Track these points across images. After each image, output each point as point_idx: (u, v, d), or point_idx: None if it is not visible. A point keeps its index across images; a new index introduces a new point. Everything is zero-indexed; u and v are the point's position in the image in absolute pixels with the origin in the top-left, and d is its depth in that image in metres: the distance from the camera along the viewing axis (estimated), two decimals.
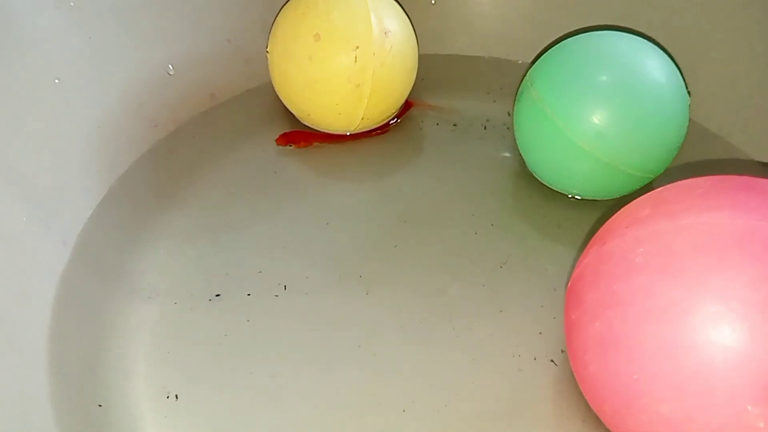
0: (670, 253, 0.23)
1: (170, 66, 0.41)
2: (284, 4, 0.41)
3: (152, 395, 0.30)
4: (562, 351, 0.31)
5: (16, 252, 0.32)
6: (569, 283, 0.28)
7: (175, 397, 0.30)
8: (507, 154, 0.42)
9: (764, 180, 0.24)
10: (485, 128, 0.44)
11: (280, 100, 0.43)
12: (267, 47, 0.41)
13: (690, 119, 0.36)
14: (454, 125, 0.44)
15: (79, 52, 0.37)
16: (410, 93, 0.43)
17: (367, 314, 0.33)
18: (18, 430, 0.27)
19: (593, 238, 0.27)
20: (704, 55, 0.42)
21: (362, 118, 0.40)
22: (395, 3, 0.41)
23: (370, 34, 0.38)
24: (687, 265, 0.22)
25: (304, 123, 0.42)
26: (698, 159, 0.40)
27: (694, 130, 0.40)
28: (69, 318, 0.32)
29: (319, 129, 0.42)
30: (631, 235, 0.24)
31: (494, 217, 0.38)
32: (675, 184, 0.26)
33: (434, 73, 0.47)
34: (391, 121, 0.44)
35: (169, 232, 0.37)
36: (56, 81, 0.35)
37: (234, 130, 0.43)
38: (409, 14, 0.42)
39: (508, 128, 0.43)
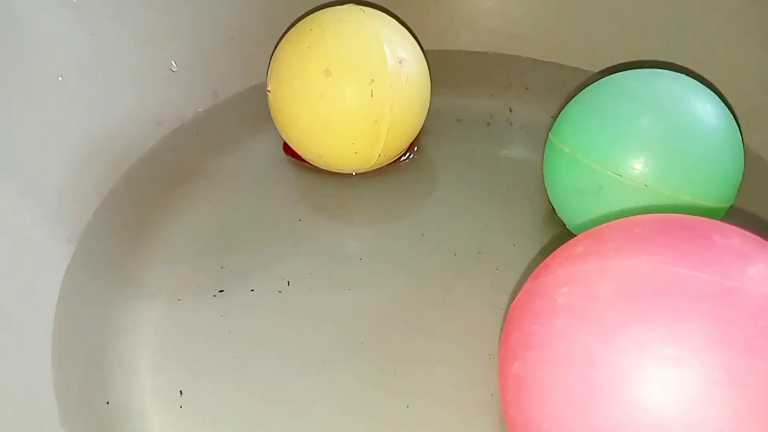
0: (592, 297, 0.21)
1: (173, 63, 0.41)
2: (282, 37, 0.38)
3: (157, 392, 0.30)
4: None
5: (21, 250, 0.32)
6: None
7: (179, 393, 0.30)
8: (510, 153, 0.42)
9: (714, 223, 0.23)
10: (488, 125, 0.43)
11: None
12: (267, 86, 0.38)
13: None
14: (458, 120, 0.44)
15: (83, 50, 0.37)
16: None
17: (372, 310, 0.33)
18: (24, 426, 0.27)
19: (533, 272, 0.26)
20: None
21: (379, 156, 0.37)
22: (401, 26, 0.38)
23: (385, 66, 0.35)
24: (605, 312, 0.21)
25: (314, 164, 0.39)
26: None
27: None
28: (73, 316, 0.32)
29: (331, 169, 0.39)
30: (561, 272, 0.23)
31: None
32: (618, 220, 0.24)
33: (438, 69, 0.47)
34: (403, 158, 0.41)
35: (172, 229, 0.37)
36: (59, 79, 0.35)
37: (238, 128, 0.43)
38: (412, 11, 0.41)
39: (511, 124, 0.43)
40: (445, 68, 0.47)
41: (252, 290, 0.34)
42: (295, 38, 0.36)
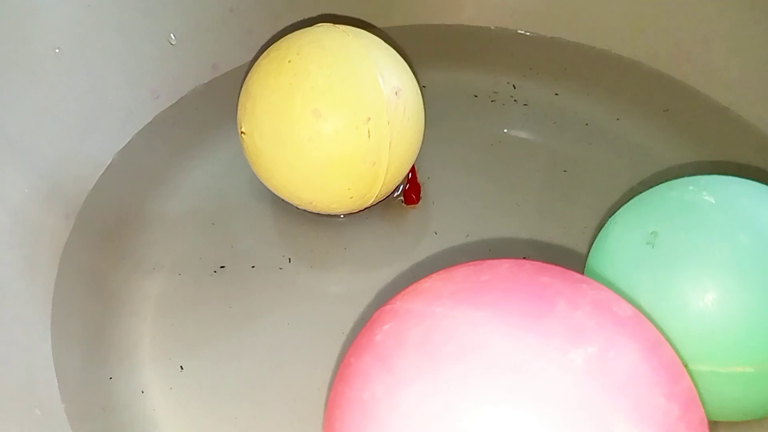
0: (401, 341, 0.20)
1: (172, 36, 0.41)
2: (252, 67, 0.33)
3: (157, 367, 0.30)
4: None
5: (19, 225, 0.31)
6: None
7: (180, 368, 0.30)
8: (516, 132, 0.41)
9: (577, 286, 0.20)
10: (493, 101, 0.43)
11: None
12: (241, 128, 0.33)
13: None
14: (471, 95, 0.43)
15: (80, 22, 0.36)
16: None
17: (373, 288, 0.33)
18: (24, 402, 0.27)
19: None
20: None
21: (376, 197, 0.34)
22: (389, 47, 0.33)
23: (381, 99, 0.31)
24: (402, 361, 0.19)
25: (304, 209, 0.35)
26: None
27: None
28: (73, 292, 0.32)
29: (321, 213, 0.35)
30: (396, 305, 0.21)
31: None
32: (481, 261, 0.22)
33: (440, 44, 0.47)
34: (396, 194, 0.37)
35: (172, 204, 0.37)
36: (56, 51, 0.35)
37: (237, 102, 0.43)
38: None
39: (515, 101, 0.43)
40: (447, 43, 0.47)
41: (253, 267, 0.34)
42: (272, 71, 0.31)
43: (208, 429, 0.28)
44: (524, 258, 0.33)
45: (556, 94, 0.43)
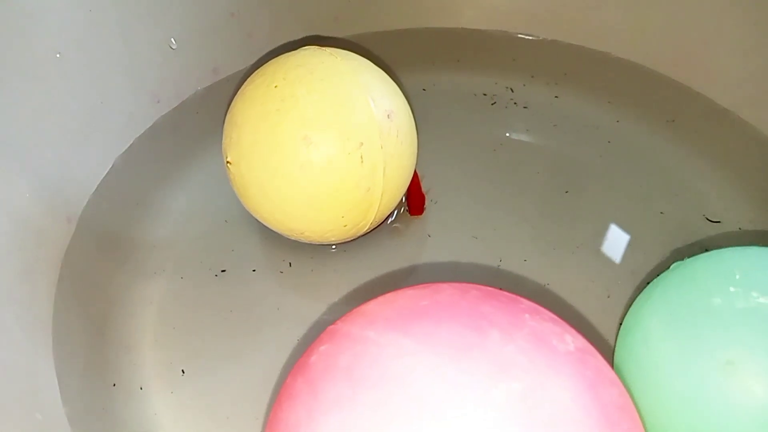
0: (330, 364, 0.19)
1: (173, 40, 0.41)
2: (235, 94, 0.32)
3: (159, 371, 0.30)
4: None
5: (20, 229, 0.31)
6: None
7: (181, 372, 0.30)
8: (516, 135, 0.41)
9: (515, 315, 0.20)
10: (493, 104, 0.43)
11: None
12: (226, 157, 0.31)
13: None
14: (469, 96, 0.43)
15: (80, 26, 0.36)
16: None
17: (374, 292, 0.33)
18: (26, 406, 0.27)
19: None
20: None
21: (371, 224, 0.32)
22: (378, 69, 0.32)
23: (373, 124, 0.29)
24: (327, 385, 0.19)
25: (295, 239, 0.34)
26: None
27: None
28: (74, 295, 0.32)
29: (314, 243, 0.34)
30: (340, 326, 0.21)
31: None
32: (426, 285, 0.22)
33: (440, 47, 0.47)
34: (390, 219, 0.36)
35: (173, 207, 0.37)
36: (57, 56, 0.35)
37: None
38: None
39: (515, 104, 0.43)
40: (447, 46, 0.47)
41: (254, 270, 0.34)
42: (258, 97, 0.30)
43: None
44: (525, 260, 0.33)
45: (557, 97, 0.43)
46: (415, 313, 0.20)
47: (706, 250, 0.27)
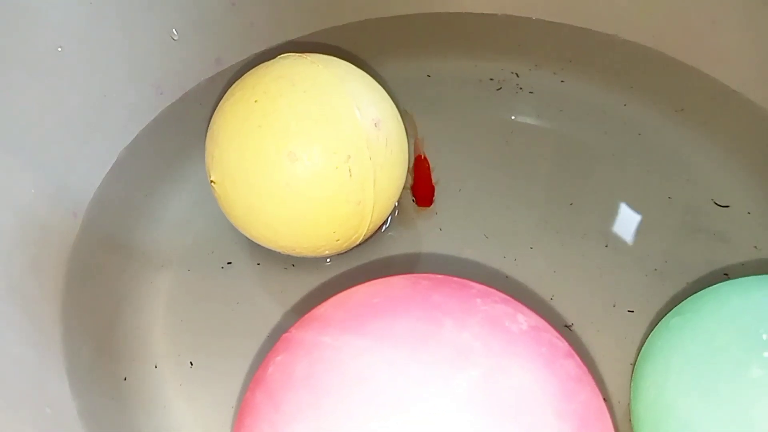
0: (288, 374, 0.19)
1: (174, 31, 0.41)
2: (217, 108, 0.30)
3: (168, 363, 0.30)
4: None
5: (27, 225, 0.31)
6: None
7: (190, 365, 0.30)
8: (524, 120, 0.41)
9: (469, 302, 0.20)
10: (499, 89, 0.43)
11: None
12: (210, 176, 0.30)
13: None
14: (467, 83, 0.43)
15: (81, 20, 0.36)
16: None
17: None
18: (35, 400, 0.27)
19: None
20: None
21: (363, 236, 0.31)
22: (364, 74, 0.31)
23: (360, 135, 0.28)
24: (287, 396, 0.19)
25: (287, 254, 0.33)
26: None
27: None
28: (82, 290, 0.32)
29: (307, 257, 0.33)
30: (293, 333, 0.21)
31: None
32: (376, 281, 0.22)
33: (445, 32, 0.46)
34: (385, 227, 0.35)
35: (179, 200, 0.37)
36: (59, 49, 0.35)
37: None
38: None
39: (521, 88, 0.42)
40: (452, 31, 0.46)
41: (258, 264, 0.34)
42: (238, 113, 0.28)
43: (218, 425, 0.28)
44: (531, 248, 0.33)
45: (563, 81, 0.42)
46: (368, 311, 0.20)
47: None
